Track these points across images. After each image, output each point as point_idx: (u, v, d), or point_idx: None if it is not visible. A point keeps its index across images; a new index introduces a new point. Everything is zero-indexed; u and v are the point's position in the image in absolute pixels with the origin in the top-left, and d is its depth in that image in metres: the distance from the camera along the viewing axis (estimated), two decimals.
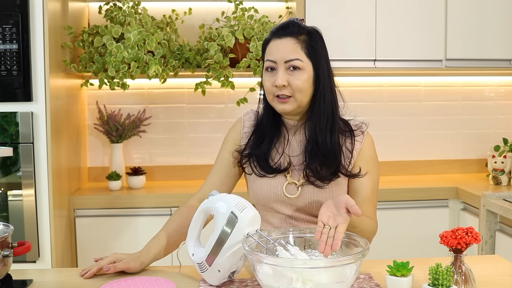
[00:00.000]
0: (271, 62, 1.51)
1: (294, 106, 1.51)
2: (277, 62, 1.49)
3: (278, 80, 1.48)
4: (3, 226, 1.44)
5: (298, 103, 1.51)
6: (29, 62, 2.40)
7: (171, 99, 3.21)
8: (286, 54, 1.48)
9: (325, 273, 1.16)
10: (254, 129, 1.62)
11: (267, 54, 1.53)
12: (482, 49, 3.00)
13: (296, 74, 1.48)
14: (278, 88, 1.49)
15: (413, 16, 2.97)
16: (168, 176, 3.23)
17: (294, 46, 1.49)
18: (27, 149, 2.42)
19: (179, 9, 3.05)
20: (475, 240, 1.26)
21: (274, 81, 1.49)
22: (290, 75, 1.48)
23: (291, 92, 1.49)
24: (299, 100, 1.50)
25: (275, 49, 1.51)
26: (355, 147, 1.57)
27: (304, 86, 1.49)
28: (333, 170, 1.52)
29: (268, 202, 1.58)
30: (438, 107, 3.34)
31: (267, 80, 1.52)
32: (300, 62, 1.48)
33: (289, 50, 1.49)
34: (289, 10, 3.07)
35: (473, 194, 2.74)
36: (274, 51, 1.51)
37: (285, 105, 1.50)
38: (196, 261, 1.36)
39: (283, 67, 1.49)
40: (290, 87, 1.49)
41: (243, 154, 1.60)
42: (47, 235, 2.46)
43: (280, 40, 1.51)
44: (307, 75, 1.49)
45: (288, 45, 1.49)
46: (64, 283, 1.43)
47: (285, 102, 1.50)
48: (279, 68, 1.49)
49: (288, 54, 1.48)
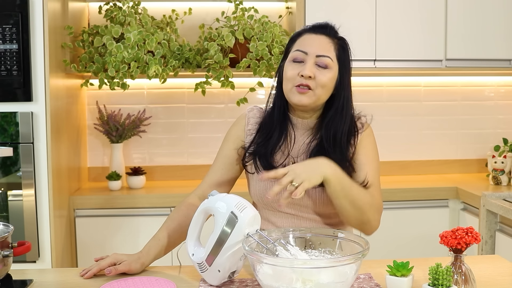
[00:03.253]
0: (301, 53, 1.52)
1: (311, 100, 1.51)
2: (308, 54, 1.51)
3: (305, 70, 1.49)
4: (3, 226, 1.44)
5: (317, 98, 1.51)
6: (29, 62, 2.40)
7: (171, 99, 3.21)
8: (320, 49, 1.51)
9: (325, 273, 1.16)
10: (261, 126, 1.62)
11: (297, 45, 1.54)
12: (482, 49, 3.00)
13: (323, 71, 1.50)
14: (302, 78, 1.49)
15: (413, 16, 2.97)
16: (168, 176, 3.23)
17: (328, 44, 1.52)
18: (27, 149, 2.42)
19: (179, 9, 3.05)
20: (475, 240, 1.26)
21: (300, 71, 1.50)
22: (317, 70, 1.50)
23: (314, 85, 1.50)
24: (318, 95, 1.51)
25: (309, 42, 1.53)
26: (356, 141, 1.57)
27: (328, 84, 1.51)
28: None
29: (270, 202, 1.57)
30: (438, 107, 3.34)
31: (292, 69, 1.52)
32: (330, 60, 1.51)
33: (323, 47, 1.51)
34: (289, 10, 3.07)
35: (473, 194, 2.74)
36: (308, 44, 1.52)
37: (303, 96, 1.50)
38: (196, 261, 1.36)
39: (313, 60, 1.50)
40: (314, 81, 1.50)
41: (248, 152, 1.60)
42: (47, 235, 2.46)
43: (316, 35, 1.53)
44: (333, 75, 1.52)
45: (323, 42, 1.52)
46: (64, 283, 1.43)
47: (304, 93, 1.50)
48: (308, 61, 1.50)
49: (322, 50, 1.51)
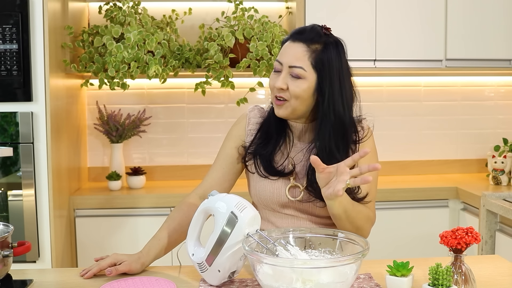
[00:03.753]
0: (278, 63, 1.53)
1: (288, 111, 1.52)
2: (283, 64, 1.51)
3: (278, 82, 1.50)
4: (3, 226, 1.44)
5: (293, 109, 1.51)
6: (29, 62, 2.40)
7: (171, 99, 3.21)
8: (292, 59, 1.49)
9: (325, 273, 1.16)
10: (261, 126, 1.63)
11: (278, 55, 1.55)
12: (482, 49, 3.00)
13: (296, 82, 1.49)
14: (277, 90, 1.51)
15: (413, 16, 2.97)
16: (168, 176, 3.23)
17: (302, 54, 1.49)
18: (27, 149, 2.42)
19: (179, 9, 3.05)
20: (475, 240, 1.26)
21: (275, 82, 1.51)
22: (290, 80, 1.49)
23: (288, 96, 1.50)
24: (294, 106, 1.51)
25: (285, 52, 1.52)
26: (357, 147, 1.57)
27: (302, 95, 1.49)
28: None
29: (270, 203, 1.58)
30: (438, 107, 3.34)
31: (271, 79, 1.54)
32: (302, 71, 1.48)
33: (296, 57, 1.49)
34: (289, 10, 3.07)
35: (473, 194, 2.74)
36: (283, 54, 1.52)
37: (280, 108, 1.52)
38: (196, 261, 1.36)
39: (286, 71, 1.50)
40: (288, 92, 1.50)
41: (248, 151, 1.60)
42: (47, 235, 2.46)
43: (293, 44, 1.52)
44: (308, 85, 1.49)
45: (297, 51, 1.50)
46: (64, 283, 1.43)
47: (280, 105, 1.52)
48: (283, 71, 1.51)
49: (294, 60, 1.49)
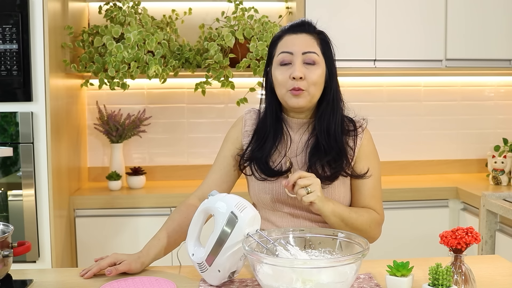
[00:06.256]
0: (287, 54, 1.51)
1: (307, 100, 1.51)
2: (294, 53, 1.50)
3: (295, 71, 1.48)
4: (3, 226, 1.44)
5: (311, 97, 1.51)
6: (29, 62, 2.40)
7: (171, 99, 3.21)
8: (304, 46, 1.50)
9: (325, 273, 1.16)
10: (256, 130, 1.62)
11: (280, 47, 1.53)
12: (482, 49, 3.00)
13: (311, 68, 1.50)
14: (294, 81, 1.49)
15: (413, 16, 2.96)
16: (168, 176, 3.23)
17: (311, 41, 1.52)
18: (27, 149, 2.42)
19: (179, 9, 3.05)
20: (475, 240, 1.26)
21: (291, 73, 1.49)
22: (306, 69, 1.49)
23: (305, 85, 1.49)
24: (312, 94, 1.51)
25: (291, 42, 1.52)
26: (356, 144, 1.57)
27: (318, 81, 1.50)
28: (336, 170, 1.52)
29: (270, 202, 1.58)
30: (438, 107, 3.34)
31: (281, 73, 1.51)
32: (316, 56, 1.51)
33: (307, 44, 1.51)
34: (289, 10, 3.07)
35: (473, 194, 2.74)
36: (290, 44, 1.52)
37: (299, 99, 1.50)
38: (196, 261, 1.36)
39: (300, 59, 1.49)
40: (305, 81, 1.49)
41: (244, 158, 1.60)
42: (47, 235, 2.46)
43: (296, 35, 1.53)
44: (321, 71, 1.51)
45: (305, 39, 1.52)
46: (64, 283, 1.43)
47: (298, 95, 1.50)
48: (295, 61, 1.50)
49: (306, 47, 1.50)
